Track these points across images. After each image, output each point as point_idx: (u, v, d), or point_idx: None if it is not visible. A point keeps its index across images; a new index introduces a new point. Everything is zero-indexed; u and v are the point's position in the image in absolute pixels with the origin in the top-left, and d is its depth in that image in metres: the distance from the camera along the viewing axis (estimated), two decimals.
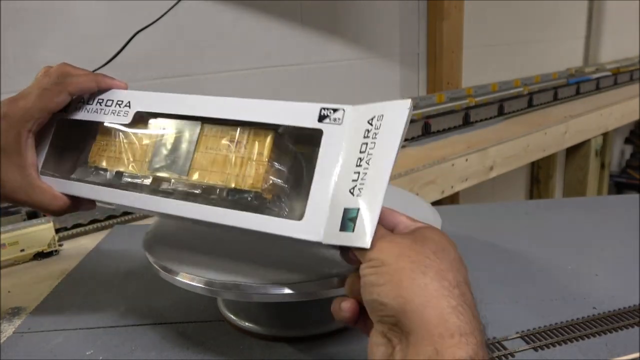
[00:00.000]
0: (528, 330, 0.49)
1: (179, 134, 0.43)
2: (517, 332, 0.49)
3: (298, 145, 0.39)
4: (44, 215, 0.79)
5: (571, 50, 2.56)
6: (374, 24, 1.64)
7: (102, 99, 0.48)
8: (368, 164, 0.33)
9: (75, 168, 0.48)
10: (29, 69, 1.11)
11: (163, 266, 0.47)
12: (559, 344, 0.47)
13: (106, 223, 0.86)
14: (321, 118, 0.37)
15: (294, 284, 0.42)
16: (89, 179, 0.46)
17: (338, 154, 0.35)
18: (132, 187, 0.44)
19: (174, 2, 0.91)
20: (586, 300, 0.54)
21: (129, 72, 1.18)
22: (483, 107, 1.56)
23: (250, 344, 0.50)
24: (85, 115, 0.48)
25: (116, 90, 0.48)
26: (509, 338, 0.48)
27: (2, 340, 0.53)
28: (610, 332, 0.49)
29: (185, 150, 0.43)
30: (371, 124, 0.35)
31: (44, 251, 0.74)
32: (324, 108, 0.37)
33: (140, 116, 0.46)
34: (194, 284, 0.45)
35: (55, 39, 1.08)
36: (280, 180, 0.38)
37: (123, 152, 0.45)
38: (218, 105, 0.42)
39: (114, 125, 0.47)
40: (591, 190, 1.92)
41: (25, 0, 1.02)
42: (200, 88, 1.29)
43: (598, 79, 2.08)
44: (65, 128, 0.49)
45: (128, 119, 0.46)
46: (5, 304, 0.61)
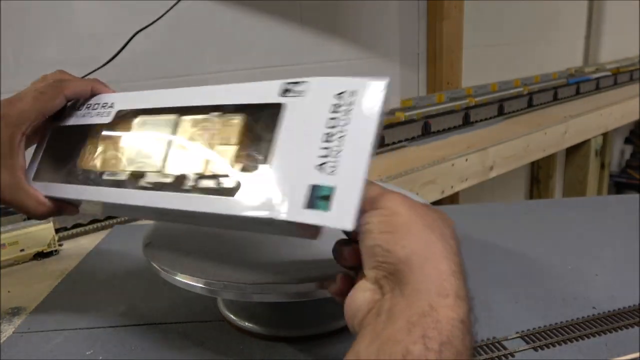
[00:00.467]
0: (528, 330, 0.49)
1: (157, 129, 0.44)
2: (517, 332, 0.49)
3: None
4: None
5: (571, 50, 2.56)
6: (374, 24, 1.64)
7: (90, 104, 0.50)
8: (342, 141, 0.32)
9: (64, 173, 0.49)
10: (29, 69, 1.12)
11: (163, 266, 0.47)
12: (559, 344, 0.47)
13: (106, 223, 0.86)
14: (284, 92, 0.36)
15: (294, 284, 0.42)
16: (73, 180, 0.47)
17: (299, 127, 0.34)
18: (112, 184, 0.44)
19: (174, 2, 0.91)
20: (586, 300, 0.54)
21: (129, 72, 1.18)
22: (483, 107, 1.56)
23: (250, 344, 0.50)
24: (76, 120, 0.50)
25: (103, 94, 0.50)
26: (508, 338, 0.48)
27: (2, 340, 0.53)
28: (610, 332, 0.49)
29: (162, 143, 0.43)
30: (341, 99, 0.33)
31: (44, 251, 0.74)
32: (287, 82, 0.36)
33: (125, 116, 0.47)
34: (194, 284, 0.45)
35: (55, 39, 1.08)
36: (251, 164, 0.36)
37: (108, 153, 0.46)
38: (191, 94, 0.43)
39: (101, 127, 0.48)
40: (591, 190, 1.92)
41: (25, 0, 1.02)
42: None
43: (598, 79, 2.08)
44: (58, 136, 0.51)
45: (110, 118, 0.47)
46: (5, 304, 0.61)
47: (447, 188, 1.25)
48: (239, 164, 0.36)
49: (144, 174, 0.42)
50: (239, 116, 0.38)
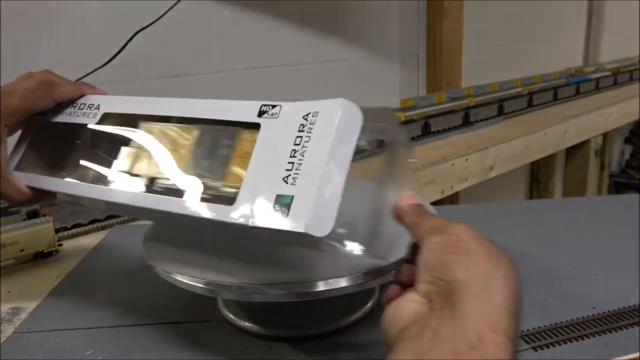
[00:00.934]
0: (528, 330, 0.49)
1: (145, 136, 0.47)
2: None
3: None
4: (44, 215, 0.79)
5: (571, 50, 2.56)
6: (373, 24, 1.64)
7: (77, 103, 0.52)
8: (303, 156, 0.36)
9: (47, 166, 0.52)
10: (29, 69, 1.11)
11: (163, 266, 0.47)
12: (559, 344, 0.47)
13: (106, 223, 0.86)
14: (260, 113, 0.40)
15: (294, 284, 0.42)
16: (55, 174, 0.51)
17: (273, 145, 0.38)
18: (96, 181, 0.47)
19: (174, 2, 0.91)
20: (586, 300, 0.54)
21: (129, 72, 1.18)
22: (483, 107, 1.56)
23: (250, 344, 0.50)
24: (62, 118, 0.52)
25: (90, 95, 0.53)
26: None
27: (2, 340, 0.53)
28: (610, 332, 0.49)
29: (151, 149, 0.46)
30: (306, 119, 0.37)
31: (44, 251, 0.74)
32: (264, 104, 0.40)
33: (111, 119, 0.50)
34: (194, 284, 0.45)
35: (55, 39, 1.08)
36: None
37: (91, 151, 0.50)
38: (178, 105, 0.46)
39: (86, 127, 0.51)
40: (591, 190, 1.92)
41: (25, 0, 1.02)
42: (200, 88, 1.29)
43: (598, 78, 2.08)
44: (43, 131, 0.54)
45: (96, 120, 0.50)
46: (5, 304, 0.61)
47: (447, 188, 1.25)
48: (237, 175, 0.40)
49: (153, 179, 0.44)
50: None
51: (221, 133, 0.42)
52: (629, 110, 1.95)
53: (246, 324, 0.52)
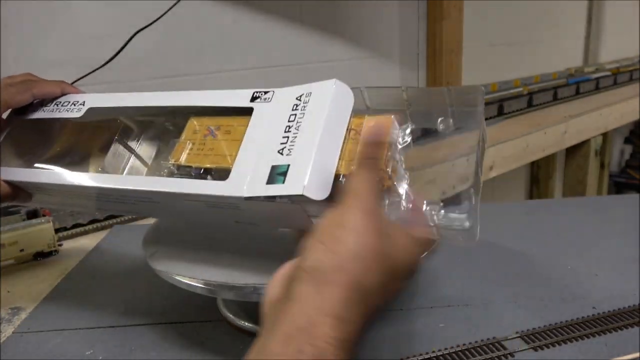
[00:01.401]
0: (528, 330, 0.49)
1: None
2: (517, 332, 0.49)
3: None
4: (44, 215, 0.79)
5: (571, 50, 2.56)
6: (374, 24, 1.64)
7: (60, 101, 0.53)
8: (297, 130, 0.38)
9: (26, 159, 0.53)
10: (29, 69, 1.11)
11: (162, 266, 0.47)
12: (559, 344, 0.47)
13: (106, 223, 0.86)
14: (253, 99, 0.42)
15: None
16: (33, 165, 0.51)
17: (266, 124, 0.40)
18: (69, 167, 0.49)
19: (174, 2, 0.91)
20: (586, 300, 0.54)
21: (129, 72, 1.18)
22: None
23: (250, 344, 0.50)
24: (43, 114, 0.53)
25: (73, 94, 0.53)
26: (508, 338, 0.48)
27: (2, 340, 0.53)
28: (610, 332, 0.49)
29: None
30: (299, 100, 0.40)
31: (44, 251, 0.74)
32: (256, 91, 0.43)
33: (95, 112, 0.51)
34: (194, 284, 0.45)
35: (55, 39, 1.08)
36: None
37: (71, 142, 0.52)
38: (177, 97, 0.48)
39: (70, 121, 0.52)
40: (591, 190, 1.92)
41: (25, 0, 1.02)
42: (200, 88, 1.28)
43: (598, 78, 2.08)
44: (22, 127, 0.54)
45: (80, 114, 0.51)
46: (5, 304, 0.61)
47: (448, 188, 1.24)
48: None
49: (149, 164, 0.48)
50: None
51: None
52: (629, 110, 1.95)
53: (246, 324, 0.52)
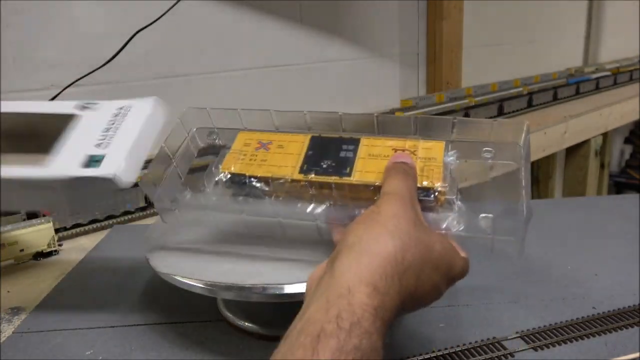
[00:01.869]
0: (528, 330, 0.49)
1: None
2: (517, 332, 0.49)
3: None
4: (44, 215, 0.79)
5: (571, 50, 2.56)
6: (374, 24, 1.64)
7: None
8: (115, 132, 0.48)
9: None
10: (29, 69, 1.12)
11: (163, 266, 0.47)
12: (559, 344, 0.47)
13: (106, 223, 0.86)
14: (82, 108, 0.52)
15: (293, 284, 0.42)
16: None
17: (89, 126, 0.50)
18: None
19: (174, 2, 0.91)
20: (586, 300, 0.54)
21: (129, 72, 1.18)
22: (483, 107, 1.56)
23: (250, 344, 0.50)
24: None
25: None
26: (508, 338, 0.48)
27: (2, 340, 0.53)
28: (610, 332, 0.49)
29: None
30: (121, 109, 0.51)
31: (44, 251, 0.74)
32: (86, 102, 0.53)
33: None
34: (194, 284, 0.45)
35: (55, 39, 1.08)
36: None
37: None
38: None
39: None
40: (591, 190, 1.92)
41: (25, 0, 1.02)
42: (200, 88, 1.29)
43: (598, 78, 2.08)
44: None
45: None
46: (5, 304, 0.61)
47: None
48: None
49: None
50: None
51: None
52: (629, 110, 1.95)
53: (246, 324, 0.52)
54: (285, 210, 0.45)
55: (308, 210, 0.44)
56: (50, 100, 0.93)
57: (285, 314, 0.52)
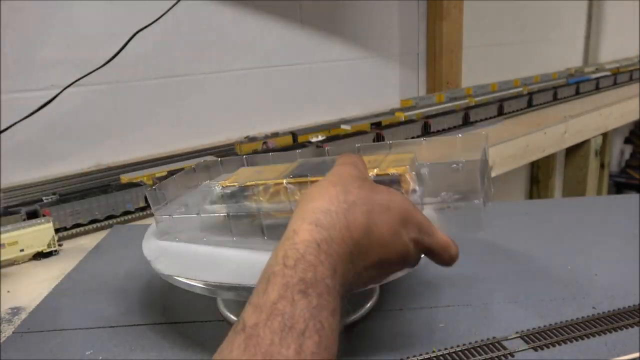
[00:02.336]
0: (528, 330, 0.49)
1: None
2: (517, 332, 0.49)
3: None
4: (44, 215, 0.79)
5: (571, 50, 2.56)
6: (374, 24, 1.64)
7: None
8: None
9: None
10: (29, 69, 1.12)
11: (163, 266, 0.47)
12: (559, 344, 0.47)
13: (106, 223, 0.86)
14: None
15: None
16: None
17: None
18: None
19: (174, 2, 0.91)
20: (586, 300, 0.54)
21: (129, 72, 1.18)
22: (483, 107, 1.56)
23: None
24: None
25: None
26: (508, 338, 0.48)
27: (2, 340, 0.53)
28: (610, 332, 0.49)
29: None
30: None
31: (44, 251, 0.74)
32: None
33: None
34: (194, 284, 0.45)
35: (55, 39, 1.08)
36: None
37: None
38: None
39: None
40: (591, 190, 1.92)
41: (25, 0, 1.02)
42: (200, 88, 1.29)
43: (598, 78, 2.08)
44: None
45: None
46: (5, 304, 0.61)
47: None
48: None
49: None
50: None
51: None
52: (628, 110, 1.95)
53: None
54: (267, 207, 0.48)
55: (284, 205, 0.47)
56: (50, 100, 0.93)
57: None
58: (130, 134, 1.22)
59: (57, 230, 0.80)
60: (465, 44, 1.79)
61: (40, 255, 0.74)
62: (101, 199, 0.86)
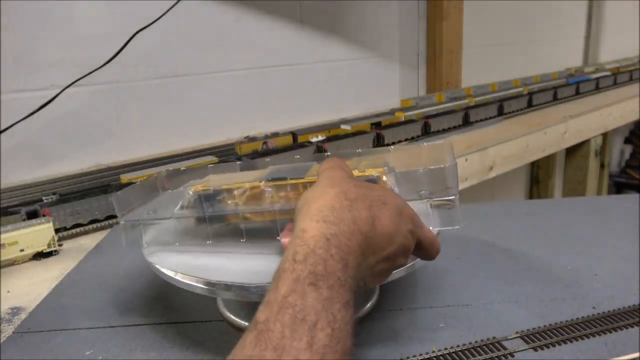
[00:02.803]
0: (528, 330, 0.49)
1: None
2: (517, 332, 0.49)
3: None
4: (44, 215, 0.79)
5: (571, 50, 2.56)
6: (374, 24, 1.64)
7: None
8: None
9: None
10: (29, 68, 1.12)
11: (163, 266, 0.47)
12: (559, 344, 0.47)
13: (106, 223, 0.86)
14: None
15: None
16: None
17: None
18: None
19: (174, 2, 0.91)
20: (586, 300, 0.54)
21: (129, 72, 1.18)
22: (483, 107, 1.56)
23: None
24: None
25: None
26: (508, 338, 0.48)
27: (2, 340, 0.53)
28: (610, 332, 0.49)
29: None
30: None
31: (44, 251, 0.74)
32: None
33: None
34: (194, 284, 0.45)
35: (55, 39, 1.08)
36: None
37: None
38: None
39: None
40: (591, 190, 1.92)
41: (25, 0, 1.02)
42: (200, 88, 1.29)
43: (598, 79, 2.08)
44: None
45: None
46: (5, 304, 0.61)
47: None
48: None
49: None
50: None
51: None
52: (628, 110, 1.95)
53: (246, 324, 0.52)
54: (245, 210, 0.49)
55: (265, 207, 0.48)
56: (50, 100, 0.93)
57: None
58: (130, 134, 1.22)
59: (57, 230, 0.80)
60: (465, 44, 1.79)
61: (40, 255, 0.74)
62: (101, 199, 0.86)
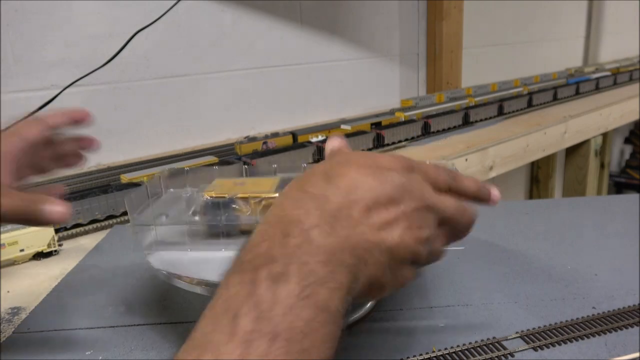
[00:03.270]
0: (528, 330, 0.49)
1: None
2: (517, 332, 0.49)
3: None
4: None
5: (571, 50, 2.56)
6: (374, 24, 1.64)
7: None
8: None
9: None
10: (29, 69, 1.12)
11: (163, 266, 0.47)
12: (559, 344, 0.47)
13: (106, 223, 0.86)
14: None
15: None
16: None
17: None
18: None
19: (174, 2, 0.91)
20: (586, 300, 0.54)
21: (129, 72, 1.18)
22: (483, 107, 1.57)
23: None
24: None
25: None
26: (508, 338, 0.48)
27: (2, 340, 0.53)
28: (610, 332, 0.49)
29: None
30: None
31: (44, 251, 0.74)
32: None
33: None
34: (194, 284, 0.45)
35: (55, 39, 1.08)
36: None
37: None
38: None
39: None
40: (591, 190, 1.92)
41: (25, 0, 1.02)
42: (200, 88, 1.29)
43: (597, 78, 2.08)
44: None
45: None
46: (5, 304, 0.61)
47: None
48: None
49: None
50: None
51: None
52: (628, 110, 1.95)
53: None
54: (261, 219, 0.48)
55: None
56: (50, 100, 0.93)
57: None
58: (130, 134, 1.22)
59: (57, 230, 0.80)
60: (466, 44, 1.79)
61: (40, 255, 0.74)
62: (101, 199, 0.86)
